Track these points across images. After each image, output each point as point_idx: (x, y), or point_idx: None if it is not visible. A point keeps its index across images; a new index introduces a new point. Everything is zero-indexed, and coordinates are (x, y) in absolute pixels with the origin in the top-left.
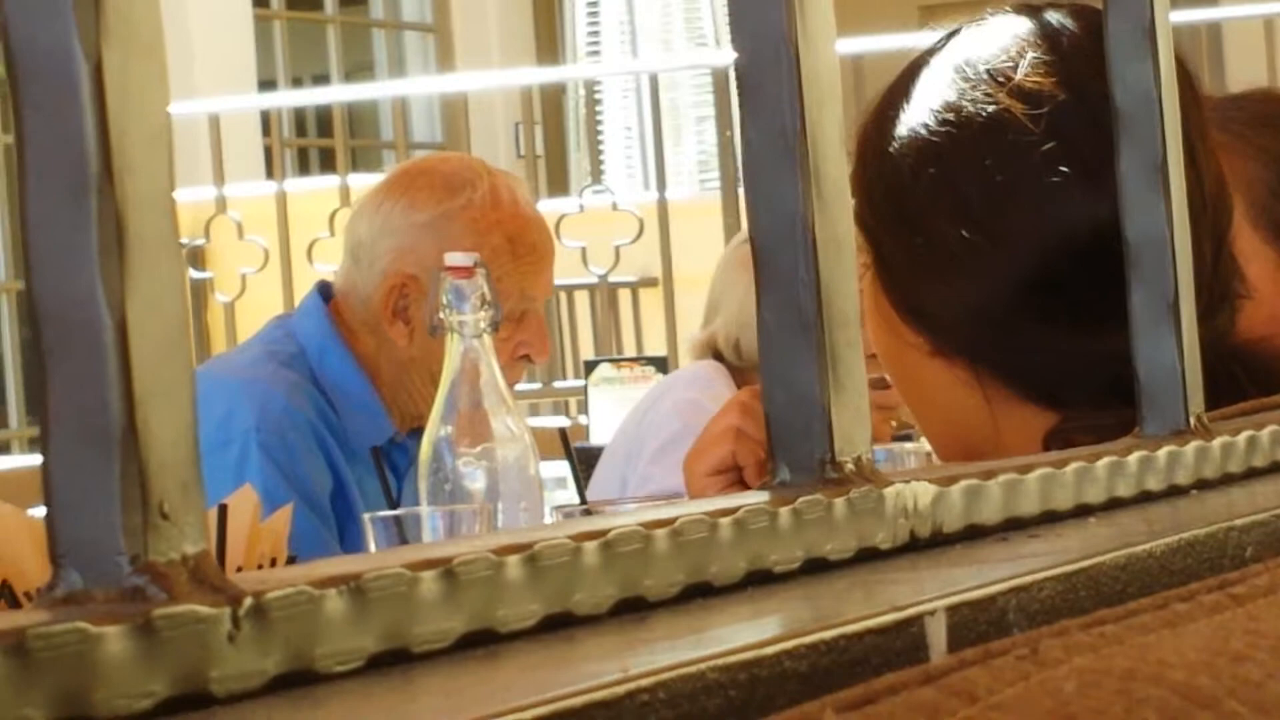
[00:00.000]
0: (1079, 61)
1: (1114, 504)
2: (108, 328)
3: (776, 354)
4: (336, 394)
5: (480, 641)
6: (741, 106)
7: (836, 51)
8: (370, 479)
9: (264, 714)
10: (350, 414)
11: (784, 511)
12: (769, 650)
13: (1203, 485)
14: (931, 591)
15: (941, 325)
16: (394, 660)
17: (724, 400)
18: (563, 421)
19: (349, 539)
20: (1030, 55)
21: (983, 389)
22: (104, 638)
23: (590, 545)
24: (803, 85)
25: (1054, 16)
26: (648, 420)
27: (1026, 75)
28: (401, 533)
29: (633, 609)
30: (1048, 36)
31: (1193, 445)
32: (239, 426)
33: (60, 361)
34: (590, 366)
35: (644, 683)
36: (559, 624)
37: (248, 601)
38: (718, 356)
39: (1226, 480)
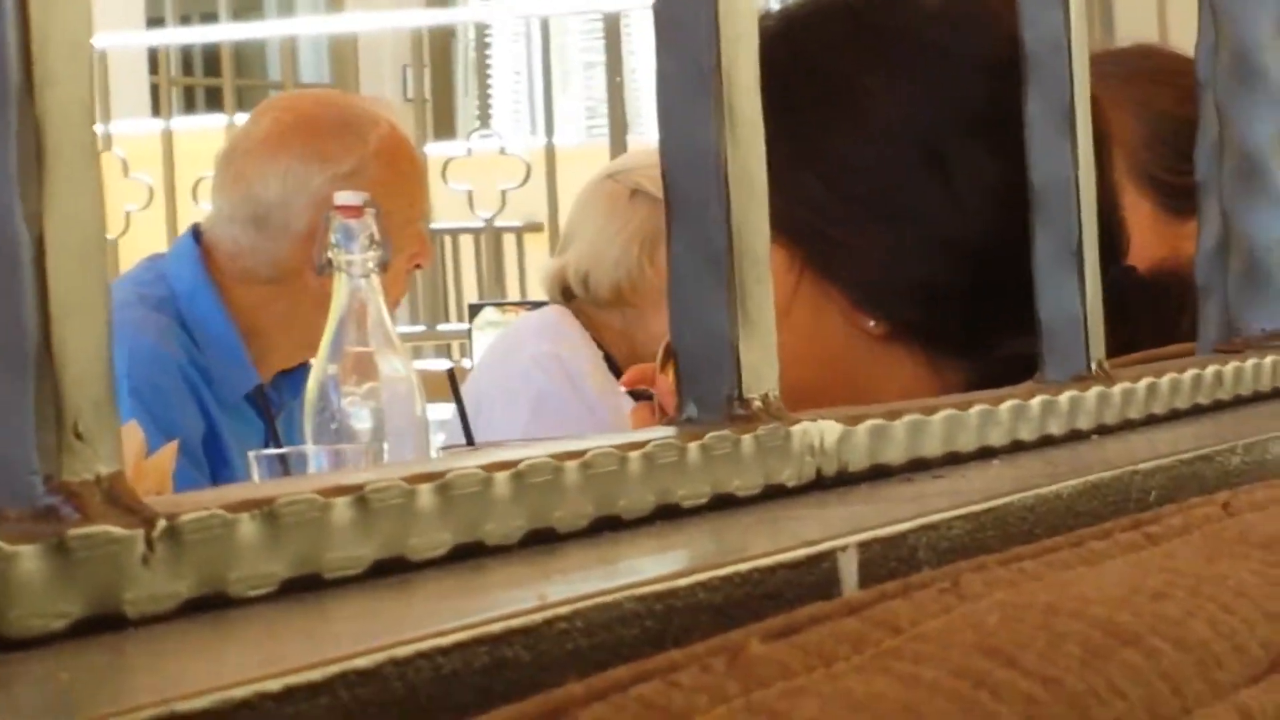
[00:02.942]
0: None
1: (1016, 447)
2: (25, 242)
3: (686, 289)
4: (204, 339)
5: (392, 569)
6: (658, 40)
7: None
8: (240, 424)
9: (178, 637)
10: (217, 359)
11: (692, 447)
12: (684, 581)
13: (1103, 430)
14: (838, 529)
15: (906, 306)
16: (307, 586)
17: (579, 349)
18: (447, 364)
19: (222, 485)
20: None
21: (931, 363)
22: (18, 556)
23: (501, 476)
24: (719, 20)
25: None
26: (502, 374)
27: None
28: (287, 471)
29: (542, 540)
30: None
31: (1094, 390)
32: None
33: None
34: (475, 310)
35: (561, 610)
36: (470, 553)
37: (161, 523)
38: (566, 290)
39: (1127, 426)
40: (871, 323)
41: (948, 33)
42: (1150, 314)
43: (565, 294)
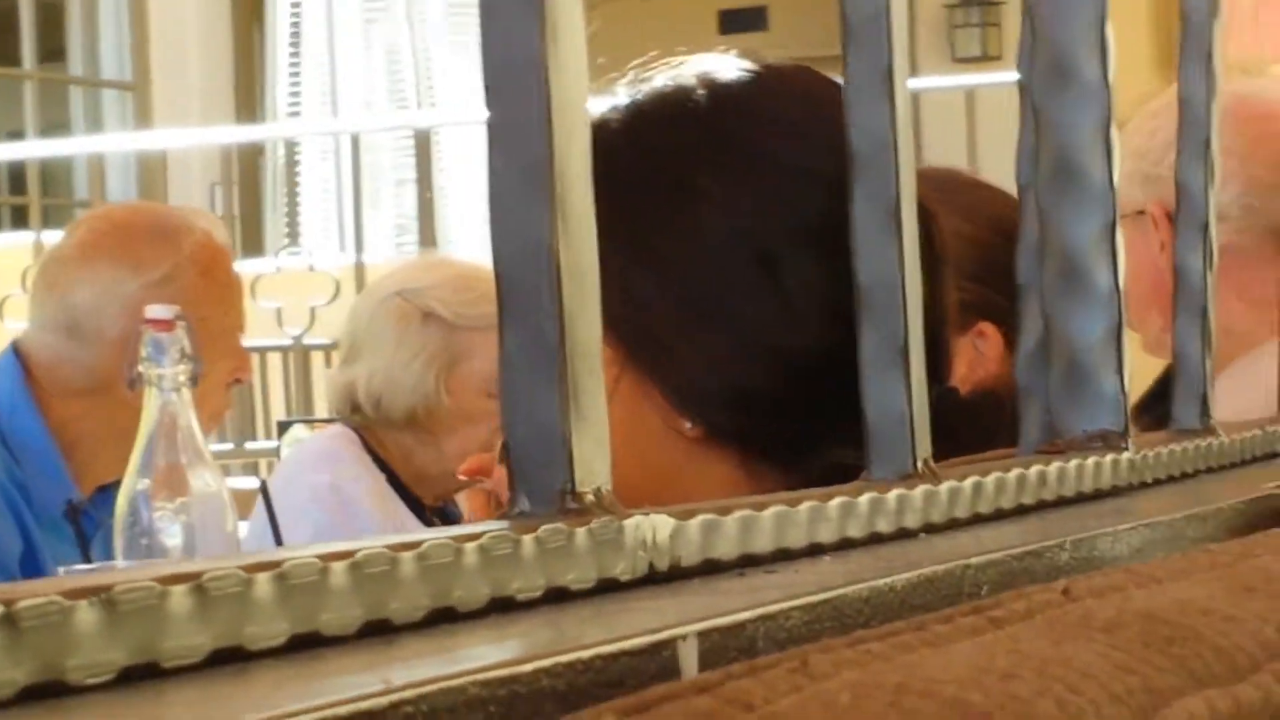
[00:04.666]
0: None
1: (846, 544)
2: None
3: (518, 383)
4: (23, 454)
5: (230, 658)
6: (489, 132)
7: (586, 78)
8: (59, 541)
9: None
10: (36, 475)
11: (527, 539)
12: (528, 667)
13: (930, 529)
14: (675, 619)
15: (721, 411)
16: (145, 674)
17: (358, 475)
18: (255, 481)
19: None
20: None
21: (747, 468)
22: None
23: (338, 566)
24: (552, 114)
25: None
26: (282, 506)
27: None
28: None
29: (379, 631)
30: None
31: (921, 489)
32: None
33: None
34: (284, 427)
35: (407, 694)
36: (307, 643)
37: None
38: (355, 405)
39: (953, 525)
40: (688, 424)
41: (788, 144)
42: (972, 432)
43: (354, 408)
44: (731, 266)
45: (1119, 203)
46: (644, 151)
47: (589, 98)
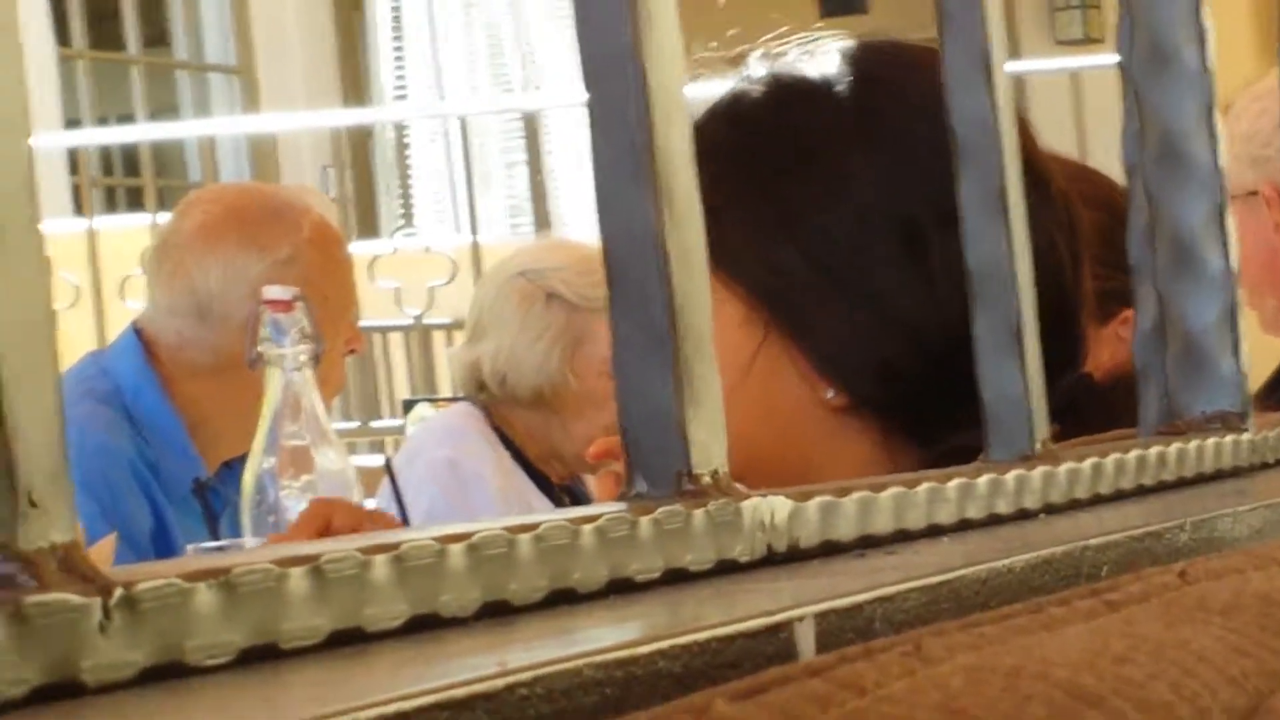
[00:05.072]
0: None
1: (964, 525)
2: None
3: (631, 367)
4: (151, 432)
5: (348, 640)
6: (590, 116)
7: (682, 61)
8: (188, 517)
9: (135, 704)
10: (164, 452)
11: (644, 521)
12: (644, 649)
13: (1050, 510)
14: (793, 601)
15: (867, 381)
16: (264, 655)
17: (480, 454)
18: (381, 459)
19: None
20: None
21: (887, 445)
22: None
23: (456, 548)
24: (650, 99)
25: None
26: (404, 480)
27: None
28: None
29: (497, 613)
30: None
31: (1040, 470)
32: None
33: None
34: (408, 405)
35: (523, 677)
36: (425, 625)
37: (118, 592)
38: (481, 383)
39: (1073, 506)
40: (831, 393)
41: (932, 127)
42: (1106, 418)
43: (479, 386)
44: (879, 242)
45: (1230, 184)
46: (787, 124)
47: (685, 80)
